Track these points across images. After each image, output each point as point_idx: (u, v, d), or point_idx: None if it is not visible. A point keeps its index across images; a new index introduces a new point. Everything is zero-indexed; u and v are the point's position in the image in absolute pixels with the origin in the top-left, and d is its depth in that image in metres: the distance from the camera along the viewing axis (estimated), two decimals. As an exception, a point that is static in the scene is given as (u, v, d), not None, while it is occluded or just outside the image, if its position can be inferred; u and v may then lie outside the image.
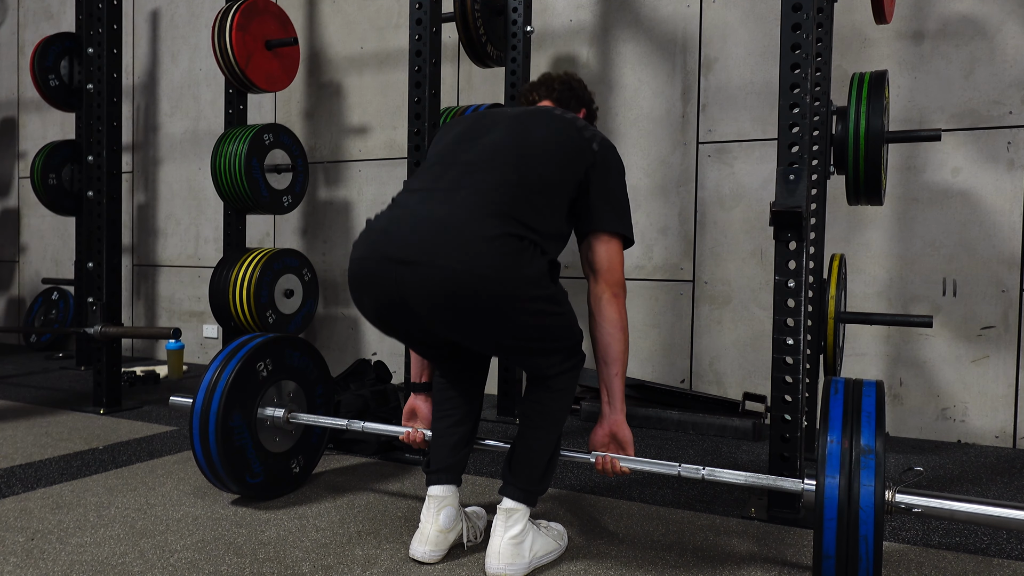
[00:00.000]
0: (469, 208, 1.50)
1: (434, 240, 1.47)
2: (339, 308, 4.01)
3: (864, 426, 1.39)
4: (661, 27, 3.25)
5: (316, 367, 2.18)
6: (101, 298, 3.10)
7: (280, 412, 2.02)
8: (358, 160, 3.95)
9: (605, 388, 1.67)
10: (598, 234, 1.64)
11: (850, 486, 1.34)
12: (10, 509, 1.95)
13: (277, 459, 2.05)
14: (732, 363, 3.14)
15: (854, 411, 1.42)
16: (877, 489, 1.33)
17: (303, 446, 2.14)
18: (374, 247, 1.54)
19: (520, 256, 1.48)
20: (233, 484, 1.95)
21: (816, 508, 1.37)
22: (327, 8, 4.03)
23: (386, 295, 1.52)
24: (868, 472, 1.34)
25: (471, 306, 1.46)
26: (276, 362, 2.05)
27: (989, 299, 2.75)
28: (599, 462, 1.69)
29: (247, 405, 1.97)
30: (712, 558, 1.71)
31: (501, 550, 1.58)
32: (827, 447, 1.39)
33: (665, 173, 3.25)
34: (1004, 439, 2.75)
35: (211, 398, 1.92)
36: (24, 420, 2.95)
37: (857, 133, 2.27)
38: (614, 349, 1.63)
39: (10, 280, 5.31)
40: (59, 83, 4.05)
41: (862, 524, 1.33)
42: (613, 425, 1.68)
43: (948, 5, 2.80)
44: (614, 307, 1.63)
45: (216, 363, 1.98)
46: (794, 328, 1.91)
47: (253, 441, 1.98)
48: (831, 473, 1.36)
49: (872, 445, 1.37)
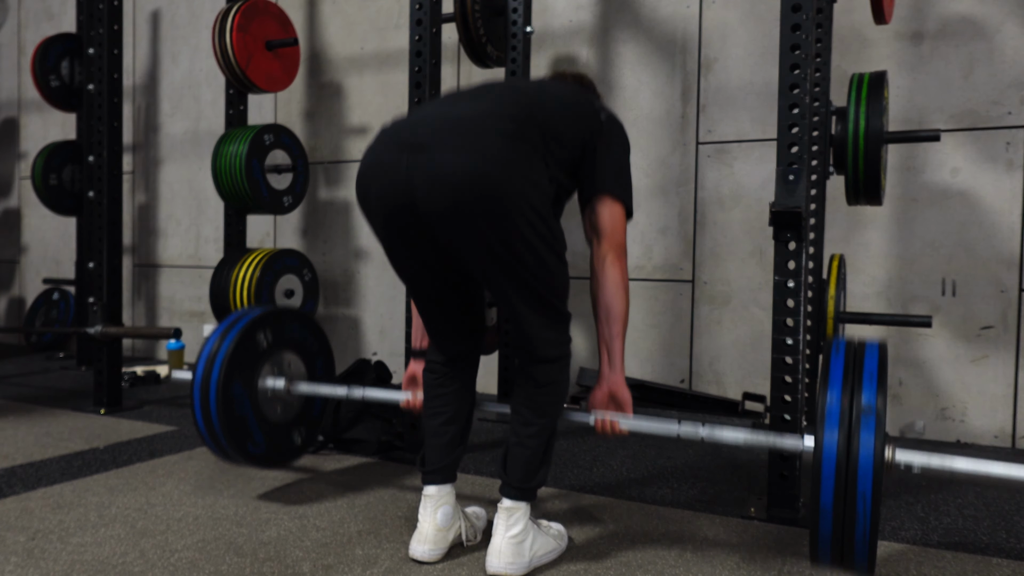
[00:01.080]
0: (487, 111, 1.52)
1: (448, 130, 1.49)
2: (339, 308, 4.02)
3: (865, 384, 1.37)
4: (661, 27, 3.26)
5: (317, 340, 2.16)
6: (102, 298, 3.10)
7: (281, 382, 2.01)
8: (358, 160, 3.94)
9: (605, 348, 1.66)
10: (601, 197, 1.65)
11: (849, 442, 1.32)
12: (11, 509, 1.95)
13: (279, 430, 2.04)
14: (732, 363, 3.14)
15: (855, 370, 1.40)
16: (877, 446, 1.31)
17: (305, 417, 2.12)
18: (387, 136, 1.56)
19: (531, 162, 1.49)
20: (235, 453, 1.93)
21: (815, 464, 1.34)
22: (327, 8, 4.04)
23: (393, 185, 1.49)
24: (868, 429, 1.32)
25: (476, 196, 1.43)
26: (276, 333, 2.03)
27: (988, 299, 2.76)
28: (598, 423, 1.68)
29: (248, 375, 1.94)
30: (712, 558, 1.71)
31: (502, 549, 1.59)
32: (827, 404, 1.36)
33: (665, 173, 3.25)
34: (1003, 439, 2.75)
35: (211, 367, 1.89)
36: (25, 420, 2.96)
37: (856, 133, 2.27)
38: (616, 308, 1.63)
39: (11, 280, 5.31)
40: (60, 83, 4.06)
41: (860, 480, 1.30)
42: (613, 385, 1.67)
43: (948, 5, 2.80)
44: (617, 268, 1.63)
45: (216, 333, 1.95)
46: (794, 328, 1.91)
47: (254, 411, 1.95)
48: (830, 429, 1.34)
49: (873, 402, 1.34)
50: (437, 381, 1.76)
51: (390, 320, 3.85)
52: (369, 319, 3.94)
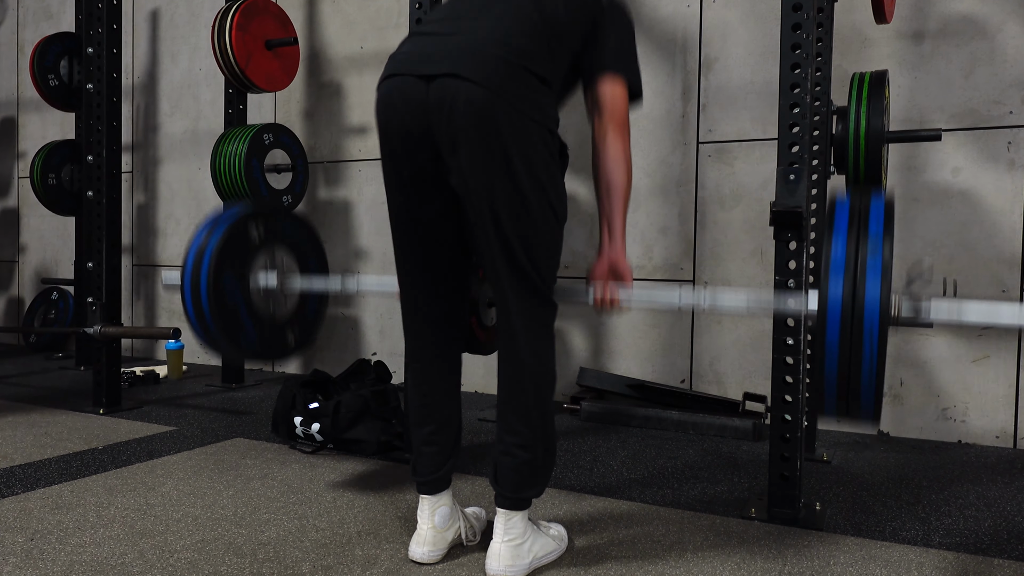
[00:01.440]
0: (492, 37, 1.50)
1: (457, 59, 1.47)
2: (339, 308, 4.01)
3: (872, 233, 1.32)
4: (661, 27, 3.25)
5: (310, 241, 2.11)
6: (101, 298, 3.10)
7: (273, 278, 1.97)
8: (358, 160, 3.95)
9: (606, 221, 1.62)
10: (602, 76, 1.62)
11: (855, 292, 1.28)
12: (9, 509, 1.95)
13: (272, 327, 1.99)
14: (732, 363, 3.14)
15: (861, 220, 1.35)
16: (883, 293, 1.27)
17: (299, 318, 2.08)
18: (402, 65, 1.54)
19: (536, 93, 1.50)
20: (227, 344, 1.88)
21: (819, 317, 1.30)
22: (327, 8, 4.03)
23: (410, 111, 1.50)
24: (874, 277, 1.28)
25: (482, 117, 1.44)
26: (269, 228, 1.98)
27: (989, 299, 2.75)
28: (597, 297, 1.65)
29: (239, 267, 1.89)
30: (712, 558, 1.71)
31: (501, 552, 1.58)
32: (831, 253, 1.32)
33: (665, 173, 3.24)
34: (1004, 439, 2.75)
35: (201, 257, 1.83)
36: (24, 420, 2.95)
37: (857, 133, 2.27)
38: (616, 180, 1.59)
39: (10, 280, 5.31)
40: (59, 83, 4.05)
41: (867, 330, 1.27)
42: (612, 259, 1.63)
43: (948, 5, 2.80)
44: (618, 142, 1.59)
45: (206, 225, 1.89)
46: (793, 328, 1.91)
47: (246, 304, 1.91)
48: (835, 279, 1.30)
49: (880, 250, 1.29)
50: (421, 391, 1.71)
51: (390, 320, 3.85)
52: (369, 319, 3.94)
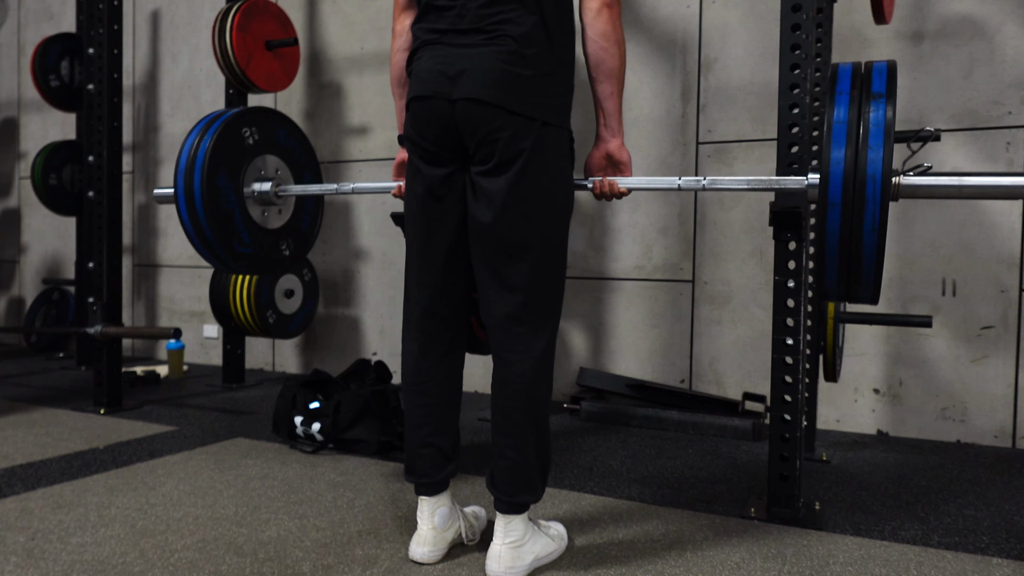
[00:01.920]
0: (504, 49, 1.51)
1: (477, 80, 1.50)
2: (339, 308, 4.01)
3: (874, 100, 1.28)
4: (661, 27, 3.26)
5: (304, 151, 2.10)
6: (101, 298, 3.10)
7: (267, 184, 1.95)
8: (358, 160, 3.95)
9: (601, 109, 1.60)
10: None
11: (857, 157, 1.25)
12: (11, 509, 1.95)
13: (267, 235, 1.98)
14: (732, 363, 3.14)
15: (863, 87, 1.31)
16: (885, 158, 1.24)
17: (293, 229, 2.07)
18: (429, 86, 1.55)
19: (550, 93, 1.54)
20: (222, 250, 1.85)
21: (820, 187, 1.27)
22: (327, 8, 4.04)
23: (444, 128, 1.55)
24: (877, 142, 1.24)
25: (506, 134, 1.49)
26: (263, 133, 1.96)
27: (988, 299, 2.76)
28: (596, 185, 1.65)
29: (233, 169, 1.86)
30: (712, 558, 1.71)
31: (501, 553, 1.58)
32: (833, 120, 1.29)
33: (665, 173, 3.24)
34: (1003, 439, 2.75)
35: (195, 158, 1.80)
36: (25, 420, 2.96)
37: (857, 133, 2.27)
38: (607, 64, 1.55)
39: (10, 280, 5.31)
40: (60, 83, 4.06)
41: (868, 194, 1.23)
42: (610, 147, 1.62)
43: (948, 5, 2.80)
44: (606, 16, 1.52)
45: (198, 128, 1.86)
46: (794, 328, 1.91)
47: (241, 209, 1.88)
48: (837, 146, 1.26)
49: (882, 115, 1.26)
50: (419, 392, 1.70)
51: (390, 320, 3.85)
52: (369, 319, 3.94)
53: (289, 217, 2.05)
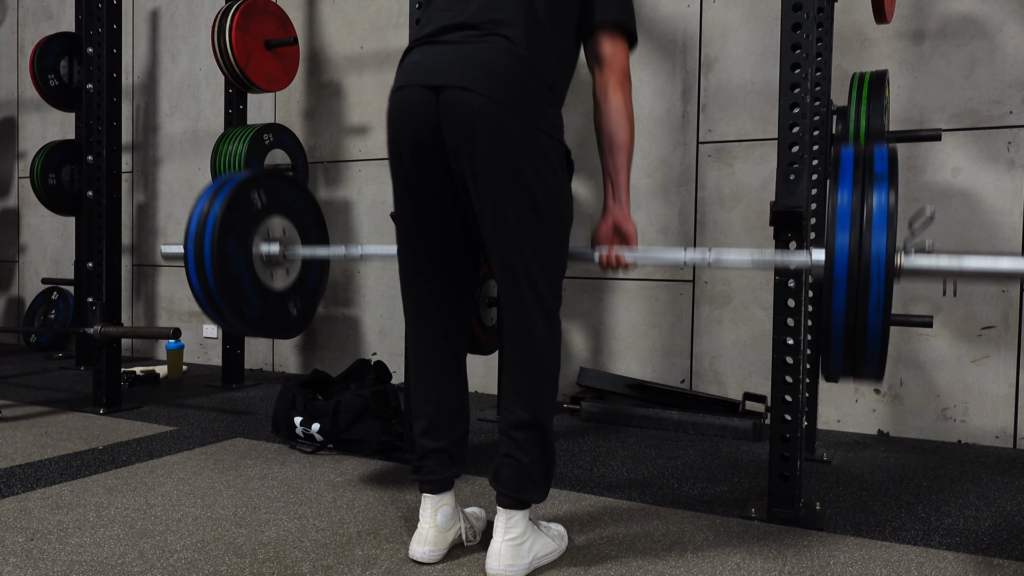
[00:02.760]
0: (498, 45, 1.51)
1: (468, 70, 1.49)
2: (339, 308, 4.01)
3: (876, 186, 1.33)
4: (661, 27, 3.25)
5: (311, 210, 2.11)
6: (101, 298, 3.10)
7: (276, 247, 1.97)
8: (358, 160, 3.95)
9: (610, 180, 1.63)
10: (602, 27, 1.62)
11: (861, 242, 1.29)
12: (10, 509, 1.95)
13: (275, 297, 1.99)
14: (732, 363, 3.14)
15: (866, 170, 1.36)
16: (888, 247, 1.28)
17: (300, 288, 2.08)
18: (413, 76, 1.55)
19: (540, 97, 1.52)
20: (231, 315, 1.87)
21: (826, 269, 1.32)
22: (327, 8, 4.03)
23: (422, 120, 1.52)
24: (880, 227, 1.29)
25: (489, 125, 1.46)
26: (271, 196, 1.98)
27: (989, 299, 2.75)
28: (603, 257, 1.65)
29: (242, 234, 1.88)
30: (712, 558, 1.71)
31: (501, 551, 1.58)
32: (837, 204, 1.34)
33: (665, 173, 3.24)
34: (1004, 439, 2.75)
35: (204, 225, 1.82)
36: (24, 420, 2.95)
37: (857, 133, 2.27)
38: (620, 136, 1.60)
39: (10, 280, 5.31)
40: (59, 83, 4.05)
41: (873, 283, 1.28)
42: (617, 218, 1.64)
43: (948, 5, 2.80)
44: (620, 94, 1.60)
45: (207, 194, 1.88)
46: (794, 328, 1.91)
47: (249, 274, 1.90)
48: (842, 231, 1.31)
49: (884, 203, 1.31)
50: (429, 393, 1.70)
51: (390, 320, 3.85)
52: (369, 319, 3.94)
53: (296, 277, 2.08)
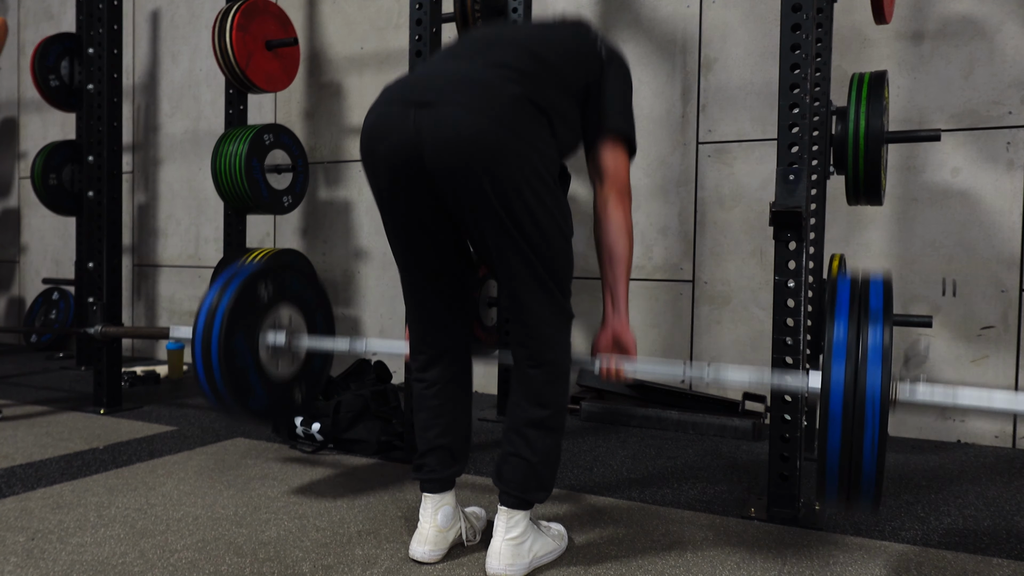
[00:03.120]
0: (490, 66, 1.51)
1: (456, 87, 1.48)
2: (339, 308, 4.01)
3: (872, 319, 1.37)
4: (661, 27, 3.25)
5: (316, 296, 2.13)
6: (101, 298, 3.10)
7: (282, 337, 1.99)
8: (358, 160, 3.95)
9: (609, 291, 1.64)
10: (603, 139, 1.63)
11: (856, 378, 1.33)
12: (10, 509, 1.95)
13: (279, 385, 2.01)
14: (732, 363, 3.14)
15: (861, 305, 1.40)
16: (884, 381, 1.31)
17: (305, 374, 2.10)
18: (393, 93, 1.55)
19: (537, 124, 1.49)
20: (236, 407, 1.90)
21: (822, 400, 1.36)
22: (327, 8, 4.04)
23: (401, 141, 1.49)
24: (875, 364, 1.32)
25: (482, 154, 1.43)
26: (277, 286, 2.00)
27: (989, 299, 2.76)
28: (603, 369, 1.66)
29: (249, 327, 1.92)
30: (712, 558, 1.71)
31: (501, 551, 1.58)
32: (834, 338, 1.37)
33: (665, 173, 3.25)
34: (1004, 439, 2.75)
35: (212, 320, 1.86)
36: (24, 420, 2.96)
37: (857, 133, 2.27)
38: (619, 250, 1.62)
39: (10, 280, 5.31)
40: (59, 83, 4.05)
41: (868, 416, 1.31)
42: (617, 330, 1.65)
43: (948, 5, 2.80)
44: (620, 210, 1.62)
45: (216, 286, 1.91)
46: (794, 328, 1.91)
47: (255, 364, 1.93)
48: (838, 364, 1.35)
49: (879, 336, 1.34)
50: (428, 392, 1.72)
51: (390, 320, 3.85)
52: (369, 319, 3.94)
53: (302, 363, 2.11)
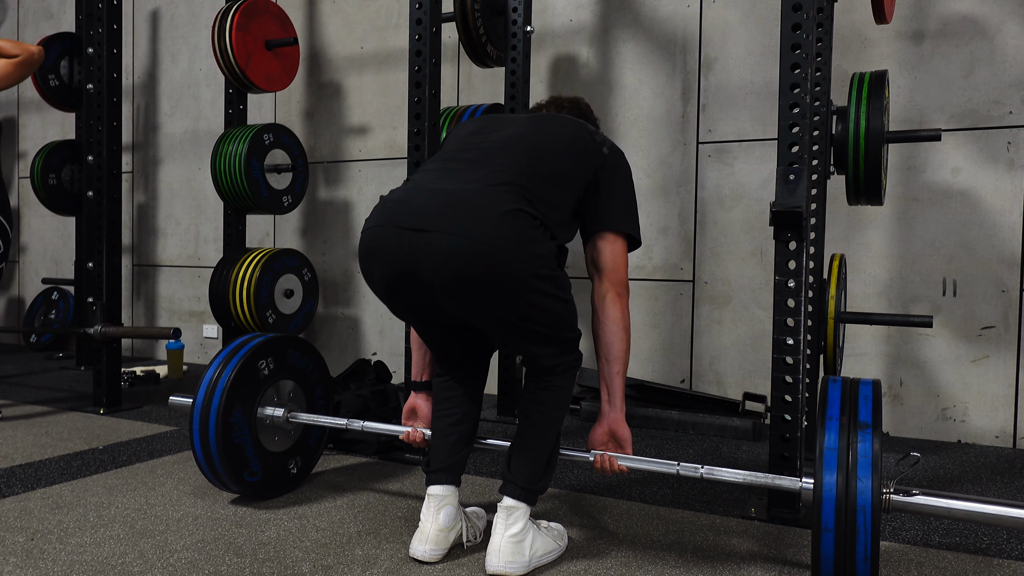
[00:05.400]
0: (484, 184, 1.53)
1: (449, 211, 1.49)
2: (339, 308, 4.01)
3: (861, 427, 1.43)
4: (661, 27, 3.25)
5: (316, 368, 2.18)
6: (101, 298, 3.10)
7: (280, 411, 2.02)
8: (358, 160, 3.95)
9: (605, 386, 1.68)
10: (604, 233, 1.67)
11: (847, 485, 1.37)
12: (10, 509, 1.95)
13: (276, 458, 2.05)
14: (732, 363, 3.14)
15: (851, 411, 1.46)
16: (874, 488, 1.35)
17: (302, 447, 2.14)
18: (388, 216, 1.56)
19: (532, 233, 1.51)
20: (232, 482, 1.95)
21: (814, 507, 1.40)
22: (327, 8, 4.03)
23: (397, 263, 1.52)
24: (865, 472, 1.37)
25: (480, 275, 1.47)
26: (277, 361, 2.05)
27: (989, 299, 2.75)
28: (598, 461, 1.70)
29: (247, 403, 1.97)
30: (712, 558, 1.71)
31: (501, 548, 1.59)
32: (824, 446, 1.42)
33: (665, 173, 3.25)
34: (1004, 439, 2.75)
35: (212, 395, 1.91)
36: (24, 420, 2.95)
37: (857, 133, 2.27)
38: (616, 348, 1.65)
39: (10, 280, 5.31)
40: (59, 83, 4.05)
41: (859, 524, 1.35)
42: (612, 423, 1.69)
43: (948, 5, 2.80)
44: (617, 306, 1.65)
45: (218, 361, 1.98)
46: (794, 328, 1.91)
47: (252, 439, 1.98)
48: (828, 472, 1.39)
49: (869, 446, 1.39)
50: (447, 384, 1.79)
51: (390, 320, 3.85)
52: (369, 319, 3.94)
53: (299, 436, 2.14)
